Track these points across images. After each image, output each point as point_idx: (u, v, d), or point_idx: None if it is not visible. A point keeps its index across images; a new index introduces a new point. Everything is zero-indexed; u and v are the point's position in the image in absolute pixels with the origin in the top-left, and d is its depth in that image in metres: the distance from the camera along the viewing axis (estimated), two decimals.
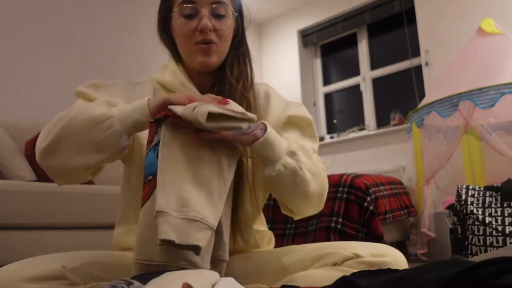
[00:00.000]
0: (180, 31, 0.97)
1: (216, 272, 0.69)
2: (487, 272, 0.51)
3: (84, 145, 0.80)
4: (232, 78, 0.99)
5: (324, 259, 0.86)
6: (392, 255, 0.86)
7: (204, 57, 0.96)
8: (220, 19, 0.97)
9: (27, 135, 2.42)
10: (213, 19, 0.96)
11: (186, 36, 0.97)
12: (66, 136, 0.81)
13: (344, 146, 3.95)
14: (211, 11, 0.96)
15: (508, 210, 2.03)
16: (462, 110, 2.50)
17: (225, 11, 0.97)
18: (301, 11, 4.46)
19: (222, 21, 0.97)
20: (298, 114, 1.03)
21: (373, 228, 2.38)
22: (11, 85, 2.81)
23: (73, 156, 0.81)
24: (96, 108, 0.83)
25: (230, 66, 1.01)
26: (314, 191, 0.90)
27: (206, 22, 0.94)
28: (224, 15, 0.97)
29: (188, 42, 0.97)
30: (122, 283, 0.60)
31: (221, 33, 0.97)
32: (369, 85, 4.08)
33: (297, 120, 1.03)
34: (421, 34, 3.53)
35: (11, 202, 1.77)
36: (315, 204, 0.93)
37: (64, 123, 0.82)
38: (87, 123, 0.80)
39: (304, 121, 1.03)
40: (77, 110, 0.84)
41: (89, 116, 0.80)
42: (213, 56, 0.97)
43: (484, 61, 2.55)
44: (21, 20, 2.93)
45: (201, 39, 0.95)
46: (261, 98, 1.04)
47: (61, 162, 0.82)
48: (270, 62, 4.68)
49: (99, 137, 0.79)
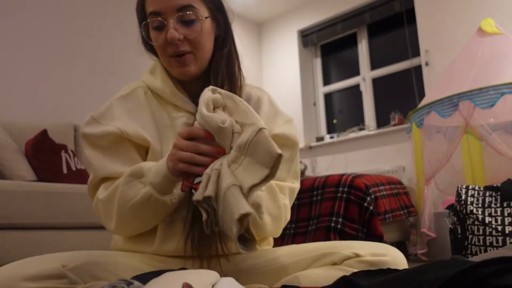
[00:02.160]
0: (154, 44, 0.94)
1: (216, 272, 0.69)
2: (487, 272, 0.51)
3: (147, 222, 0.89)
4: (217, 84, 0.94)
5: (324, 259, 0.87)
6: (392, 255, 0.86)
7: (180, 68, 0.93)
8: (190, 25, 0.91)
9: (27, 135, 2.41)
10: (182, 27, 0.91)
11: (159, 49, 0.94)
12: (125, 222, 0.88)
13: (344, 146, 3.95)
14: (178, 19, 0.90)
15: (508, 210, 2.03)
16: (462, 110, 2.50)
17: (194, 15, 0.91)
18: (301, 11, 4.46)
19: (193, 27, 0.91)
20: (285, 133, 0.98)
21: (373, 228, 2.38)
22: (11, 85, 2.81)
23: (141, 228, 0.91)
24: (129, 189, 0.85)
25: (214, 69, 0.96)
26: (270, 231, 0.94)
27: (173, 34, 0.89)
28: (193, 19, 0.91)
29: (163, 55, 0.95)
30: (122, 283, 0.60)
31: (193, 40, 0.92)
32: (369, 85, 4.08)
33: (282, 140, 0.97)
34: (421, 34, 3.53)
35: (11, 202, 1.77)
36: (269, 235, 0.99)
37: (117, 214, 0.87)
38: (136, 210, 0.85)
39: (290, 142, 0.98)
40: (115, 196, 0.87)
41: (133, 202, 0.84)
42: (189, 66, 0.93)
43: (484, 61, 2.55)
44: (21, 20, 2.93)
45: (173, 52, 0.92)
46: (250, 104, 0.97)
47: (133, 232, 0.92)
48: (270, 62, 4.68)
49: (155, 213, 0.86)
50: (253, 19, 4.70)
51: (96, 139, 0.91)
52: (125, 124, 0.92)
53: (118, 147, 0.92)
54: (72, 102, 3.05)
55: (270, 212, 0.91)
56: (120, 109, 0.95)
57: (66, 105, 3.00)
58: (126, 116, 0.94)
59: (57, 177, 2.26)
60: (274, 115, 1.00)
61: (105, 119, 0.93)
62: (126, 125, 0.91)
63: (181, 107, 0.97)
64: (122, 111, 0.94)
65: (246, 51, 4.61)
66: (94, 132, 0.91)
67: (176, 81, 0.99)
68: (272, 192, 0.92)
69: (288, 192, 0.97)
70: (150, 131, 0.94)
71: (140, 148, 0.94)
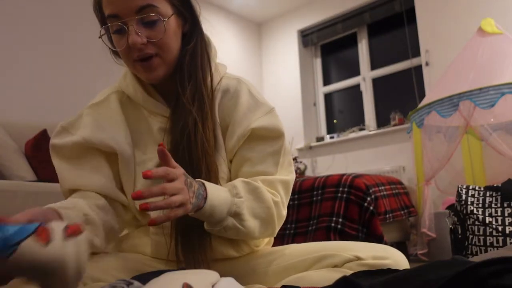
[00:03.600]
0: (117, 49, 0.88)
1: (216, 272, 0.69)
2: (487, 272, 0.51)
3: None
4: (181, 85, 0.89)
5: (325, 261, 0.85)
6: (394, 258, 0.84)
7: (147, 73, 0.87)
8: (152, 26, 0.84)
9: (27, 135, 2.42)
10: (144, 29, 0.84)
11: (123, 54, 0.87)
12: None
13: (344, 146, 3.95)
14: (138, 21, 0.83)
15: (508, 210, 2.02)
16: (462, 110, 2.50)
17: (156, 15, 0.83)
18: (301, 11, 4.46)
19: (156, 28, 0.84)
20: (265, 125, 0.91)
21: (373, 228, 2.38)
22: (11, 85, 2.81)
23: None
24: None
25: (178, 67, 0.90)
26: (261, 234, 0.90)
27: (135, 39, 0.82)
28: (155, 20, 0.84)
29: (127, 60, 0.88)
30: (122, 283, 0.60)
31: (158, 42, 0.85)
32: (369, 85, 4.08)
33: (263, 133, 0.92)
34: (421, 34, 3.53)
35: (11, 202, 1.77)
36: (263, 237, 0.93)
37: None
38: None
39: (272, 133, 0.93)
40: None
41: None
42: (157, 70, 0.87)
43: (484, 61, 2.55)
44: (21, 20, 2.93)
45: (137, 56, 0.85)
46: (229, 98, 0.94)
47: None
48: (270, 62, 4.68)
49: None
50: (253, 19, 4.70)
51: (63, 150, 0.90)
52: (91, 133, 0.89)
53: (85, 156, 0.90)
54: (72, 102, 3.04)
55: (256, 215, 0.86)
56: (89, 118, 0.92)
57: (66, 105, 3.00)
58: (95, 124, 0.91)
59: (57, 177, 2.26)
60: (254, 107, 0.93)
61: (73, 128, 0.92)
62: (92, 133, 0.89)
63: (155, 111, 0.94)
64: (91, 119, 0.92)
65: (246, 51, 4.61)
66: (60, 142, 0.90)
67: (148, 84, 0.95)
68: (256, 193, 0.86)
69: (281, 186, 0.92)
70: (121, 138, 0.91)
71: (110, 155, 0.92)
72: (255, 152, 0.92)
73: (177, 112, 0.89)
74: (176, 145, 0.88)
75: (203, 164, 0.86)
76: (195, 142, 0.87)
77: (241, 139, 0.91)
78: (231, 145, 0.92)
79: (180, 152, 0.87)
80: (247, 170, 0.91)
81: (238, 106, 0.93)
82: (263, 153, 0.92)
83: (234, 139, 0.91)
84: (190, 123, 0.87)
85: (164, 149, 0.73)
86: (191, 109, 0.87)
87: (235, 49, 4.47)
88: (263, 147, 0.92)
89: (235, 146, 0.92)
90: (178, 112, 0.89)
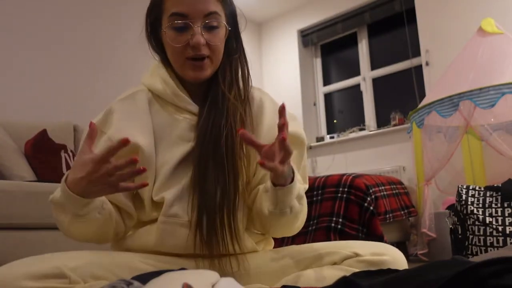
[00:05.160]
0: (170, 44, 0.92)
1: (216, 272, 0.69)
2: (487, 272, 0.51)
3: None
4: (224, 87, 0.95)
5: (324, 259, 0.87)
6: (392, 254, 0.86)
7: (196, 72, 0.93)
8: (212, 31, 0.92)
9: (27, 135, 2.41)
10: (206, 32, 0.91)
11: (177, 50, 0.92)
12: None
13: (344, 146, 3.95)
14: (203, 24, 0.91)
15: (509, 210, 2.02)
16: (463, 110, 2.50)
17: (217, 22, 0.92)
18: (301, 11, 4.46)
19: (215, 33, 0.93)
20: (294, 131, 0.97)
21: (373, 228, 2.38)
22: (11, 85, 2.81)
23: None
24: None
25: (223, 73, 0.97)
26: (298, 227, 0.95)
27: (199, 39, 0.90)
28: (216, 26, 0.93)
29: (179, 56, 0.93)
30: (122, 283, 0.60)
31: (214, 46, 0.93)
32: (369, 85, 4.08)
33: (291, 139, 0.94)
34: (421, 34, 3.53)
35: (11, 202, 1.77)
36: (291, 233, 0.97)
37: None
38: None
39: (298, 140, 0.99)
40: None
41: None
42: (206, 70, 0.94)
43: (484, 61, 2.55)
44: (21, 20, 2.93)
45: (193, 55, 0.91)
46: (254, 106, 1.00)
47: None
48: (270, 62, 4.67)
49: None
50: (253, 19, 4.70)
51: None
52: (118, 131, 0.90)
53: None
54: (72, 102, 3.05)
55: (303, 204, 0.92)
56: (119, 113, 0.94)
57: (66, 105, 3.00)
58: (125, 119, 0.93)
59: (57, 177, 2.26)
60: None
61: (105, 126, 0.93)
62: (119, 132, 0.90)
63: (183, 108, 0.96)
64: (120, 115, 0.94)
65: (246, 51, 4.60)
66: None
67: (177, 80, 0.97)
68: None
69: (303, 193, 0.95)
70: (146, 134, 0.93)
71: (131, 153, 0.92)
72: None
73: (213, 107, 0.94)
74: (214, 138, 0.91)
75: (238, 159, 0.91)
76: (236, 136, 0.91)
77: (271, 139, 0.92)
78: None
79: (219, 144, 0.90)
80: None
81: (264, 113, 0.99)
82: (295, 160, 0.96)
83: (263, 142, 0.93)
84: (231, 118, 0.92)
85: (245, 132, 0.81)
86: (236, 106, 0.94)
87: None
88: (294, 156, 0.95)
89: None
90: (214, 108, 0.94)
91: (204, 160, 0.90)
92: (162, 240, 0.89)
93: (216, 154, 0.90)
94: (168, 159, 0.92)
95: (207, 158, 0.89)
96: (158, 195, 0.91)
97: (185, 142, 0.93)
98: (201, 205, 0.88)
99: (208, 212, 0.87)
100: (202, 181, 0.89)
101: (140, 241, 0.92)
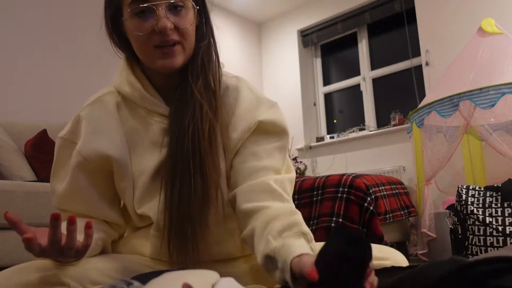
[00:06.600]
0: (134, 34, 0.84)
1: (216, 272, 0.69)
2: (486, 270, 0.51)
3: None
4: (192, 80, 0.87)
5: None
6: (394, 259, 0.85)
7: (166, 60, 0.84)
8: (179, 13, 0.84)
9: (27, 135, 2.41)
10: (172, 15, 0.83)
11: (142, 39, 0.83)
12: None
13: (344, 146, 3.95)
14: (168, 6, 0.82)
15: (509, 210, 2.02)
16: (463, 110, 2.50)
17: (182, 1, 0.84)
18: (301, 11, 4.45)
19: (183, 15, 0.84)
20: (272, 118, 0.91)
21: (373, 228, 2.37)
22: (11, 85, 2.81)
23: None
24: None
25: (192, 63, 0.89)
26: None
27: (165, 23, 0.81)
28: (182, 5, 0.84)
29: (146, 46, 0.84)
30: (121, 283, 0.60)
31: (184, 30, 0.84)
32: (369, 85, 4.08)
33: (270, 127, 0.91)
34: (422, 34, 3.53)
35: (11, 202, 1.77)
36: None
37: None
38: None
39: (278, 128, 0.92)
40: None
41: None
42: (176, 58, 0.85)
43: (484, 61, 2.55)
44: (21, 20, 2.93)
45: (161, 41, 0.82)
46: (228, 95, 0.92)
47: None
48: (270, 62, 4.67)
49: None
50: (253, 19, 4.69)
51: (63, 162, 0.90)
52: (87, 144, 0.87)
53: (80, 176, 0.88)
54: (72, 102, 3.04)
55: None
56: (86, 122, 0.89)
57: (66, 105, 3.00)
58: (93, 129, 0.89)
59: None
60: (256, 102, 0.92)
61: (75, 137, 0.90)
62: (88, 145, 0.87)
63: (153, 111, 0.90)
64: (88, 124, 0.89)
65: (246, 51, 4.61)
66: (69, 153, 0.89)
67: (145, 80, 0.91)
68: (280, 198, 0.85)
69: (289, 184, 0.91)
70: (117, 143, 0.88)
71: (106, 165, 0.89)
72: (262, 146, 0.90)
73: (180, 105, 0.87)
74: (180, 138, 0.85)
75: (208, 157, 0.84)
76: (202, 134, 0.84)
77: (246, 133, 0.89)
78: (235, 139, 0.89)
79: (185, 144, 0.84)
80: (253, 164, 0.88)
81: (239, 102, 0.91)
82: (270, 147, 0.90)
83: (238, 133, 0.89)
84: (198, 114, 0.85)
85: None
86: (201, 100, 0.86)
87: (235, 49, 4.47)
88: (270, 141, 0.91)
89: (239, 140, 0.89)
90: (181, 106, 0.87)
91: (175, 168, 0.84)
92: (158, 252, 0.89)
93: (184, 158, 0.84)
94: (144, 168, 0.88)
95: (177, 166, 0.83)
96: (140, 208, 0.89)
97: (158, 148, 0.88)
98: (171, 215, 0.83)
99: (178, 221, 0.82)
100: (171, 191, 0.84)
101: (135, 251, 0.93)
